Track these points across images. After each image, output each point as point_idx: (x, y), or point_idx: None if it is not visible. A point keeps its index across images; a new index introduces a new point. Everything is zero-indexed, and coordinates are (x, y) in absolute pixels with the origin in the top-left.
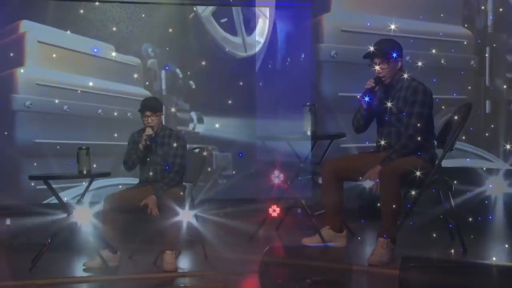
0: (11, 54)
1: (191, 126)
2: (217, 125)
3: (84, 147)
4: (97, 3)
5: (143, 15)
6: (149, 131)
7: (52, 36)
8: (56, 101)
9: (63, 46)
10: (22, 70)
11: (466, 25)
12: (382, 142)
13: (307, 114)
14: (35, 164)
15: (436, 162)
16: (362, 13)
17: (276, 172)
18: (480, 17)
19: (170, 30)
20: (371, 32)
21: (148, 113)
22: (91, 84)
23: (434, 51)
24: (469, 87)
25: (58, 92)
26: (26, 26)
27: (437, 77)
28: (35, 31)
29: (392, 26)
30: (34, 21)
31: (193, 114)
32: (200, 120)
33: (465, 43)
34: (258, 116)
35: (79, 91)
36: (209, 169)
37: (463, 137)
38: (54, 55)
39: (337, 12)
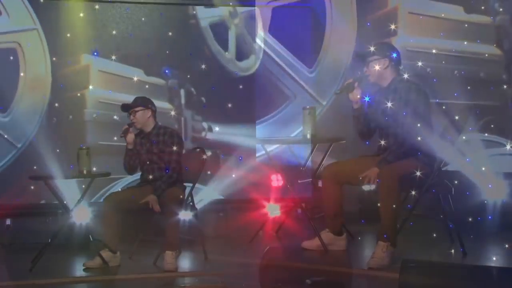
0: (79, 79)
1: (203, 134)
2: (216, 129)
3: (84, 147)
4: (97, 6)
5: (143, 19)
6: (126, 126)
7: (107, 65)
8: (115, 115)
9: (112, 72)
10: (89, 91)
11: (495, 45)
12: (382, 142)
13: (306, 117)
14: (99, 161)
15: (436, 165)
16: (421, 37)
17: (276, 175)
18: (508, 39)
19: (170, 33)
20: (427, 51)
21: (128, 114)
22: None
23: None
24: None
25: (112, 107)
26: (87, 59)
27: (475, 86)
28: (95, 62)
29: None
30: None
31: (205, 124)
32: (210, 129)
33: (496, 59)
34: (258, 119)
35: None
36: (208, 172)
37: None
38: (108, 80)
39: (401, 36)
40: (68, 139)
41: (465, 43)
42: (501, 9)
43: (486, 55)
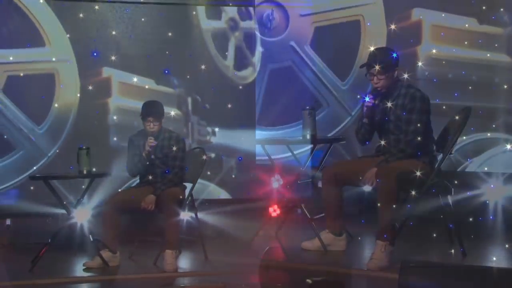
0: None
1: (207, 137)
2: (216, 129)
3: (84, 147)
4: (96, 7)
5: (143, 19)
6: (151, 141)
7: (125, 77)
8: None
9: (129, 83)
10: (112, 99)
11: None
12: (382, 143)
13: (306, 118)
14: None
15: (436, 166)
16: (444, 45)
17: (276, 176)
18: None
19: (170, 34)
20: (448, 58)
21: (150, 118)
22: None
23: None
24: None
25: (130, 113)
26: (107, 72)
27: (488, 90)
28: (115, 75)
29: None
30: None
31: (209, 129)
32: (214, 133)
33: (507, 66)
34: (257, 121)
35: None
36: (208, 172)
37: None
38: (128, 90)
39: (425, 44)
40: (95, 141)
41: (480, 51)
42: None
43: (498, 62)
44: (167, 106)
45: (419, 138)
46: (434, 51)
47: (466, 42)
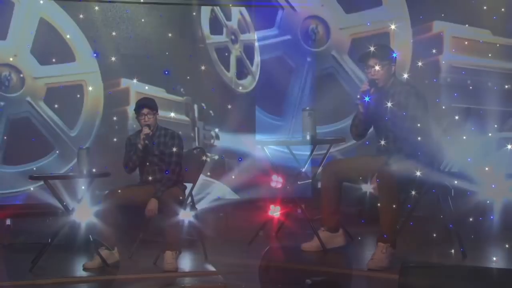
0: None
1: (212, 141)
2: (216, 130)
3: (84, 147)
4: (96, 8)
5: (143, 20)
6: (146, 130)
7: (140, 87)
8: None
9: (144, 93)
10: (130, 107)
11: None
12: (382, 142)
13: (306, 119)
14: None
15: (436, 166)
16: (463, 55)
17: (276, 177)
18: None
19: (170, 34)
20: (467, 66)
21: (145, 111)
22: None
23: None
24: None
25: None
26: (125, 82)
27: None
28: (133, 85)
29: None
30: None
31: (213, 133)
32: (217, 137)
33: None
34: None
35: None
36: (208, 173)
37: None
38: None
39: (446, 54)
40: (117, 144)
41: (494, 60)
42: None
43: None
44: (177, 113)
45: (416, 136)
46: (454, 60)
47: (482, 52)
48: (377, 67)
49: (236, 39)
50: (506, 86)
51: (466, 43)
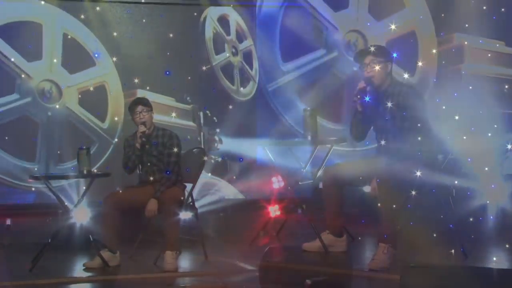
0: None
1: (215, 144)
2: (217, 130)
3: (84, 148)
4: (98, 8)
5: (144, 20)
6: (142, 128)
7: (152, 96)
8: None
9: (156, 101)
10: None
11: None
12: (382, 143)
13: (307, 119)
14: None
15: (436, 166)
16: (481, 64)
17: (277, 177)
18: None
19: (171, 35)
20: (485, 74)
21: (139, 108)
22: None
23: None
24: None
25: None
26: (141, 92)
27: None
28: (146, 95)
29: None
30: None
31: (217, 137)
32: (221, 141)
33: None
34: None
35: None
36: (209, 174)
37: None
38: (155, 107)
39: (467, 63)
40: None
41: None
42: None
43: None
44: (184, 120)
45: (415, 135)
46: (474, 69)
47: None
48: (372, 65)
49: (236, 51)
50: None
51: (483, 53)
